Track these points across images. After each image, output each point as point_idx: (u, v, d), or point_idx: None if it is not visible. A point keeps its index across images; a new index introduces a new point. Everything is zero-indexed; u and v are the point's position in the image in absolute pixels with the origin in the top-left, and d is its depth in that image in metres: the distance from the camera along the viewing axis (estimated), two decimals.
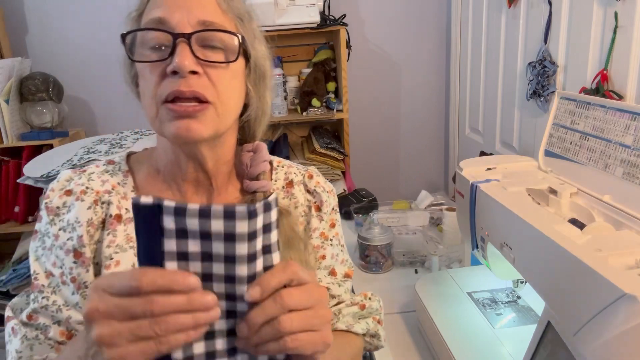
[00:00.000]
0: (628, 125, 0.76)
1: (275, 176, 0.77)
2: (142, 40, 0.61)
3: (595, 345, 0.57)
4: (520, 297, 1.06)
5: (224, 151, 0.68)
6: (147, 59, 0.60)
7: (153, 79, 0.59)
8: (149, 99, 0.60)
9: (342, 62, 1.89)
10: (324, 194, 0.78)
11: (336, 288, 0.78)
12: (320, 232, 0.78)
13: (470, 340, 0.95)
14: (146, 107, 0.62)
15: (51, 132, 1.85)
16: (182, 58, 0.57)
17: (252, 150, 0.72)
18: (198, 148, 0.64)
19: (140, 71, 0.62)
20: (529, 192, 0.89)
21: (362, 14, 2.15)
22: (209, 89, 0.59)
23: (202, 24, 0.60)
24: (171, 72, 0.58)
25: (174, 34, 0.58)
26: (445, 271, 1.22)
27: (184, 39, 0.58)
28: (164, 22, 0.59)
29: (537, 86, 1.34)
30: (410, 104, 2.29)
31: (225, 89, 0.61)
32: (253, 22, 0.68)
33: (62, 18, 2.05)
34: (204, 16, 0.60)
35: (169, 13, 0.59)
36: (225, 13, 0.63)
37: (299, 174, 0.78)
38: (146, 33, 0.60)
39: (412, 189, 2.28)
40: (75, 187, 0.66)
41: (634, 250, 0.63)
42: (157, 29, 0.59)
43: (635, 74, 1.00)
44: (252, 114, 0.70)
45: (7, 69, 1.78)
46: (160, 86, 0.59)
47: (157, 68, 0.59)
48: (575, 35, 1.19)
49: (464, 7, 1.96)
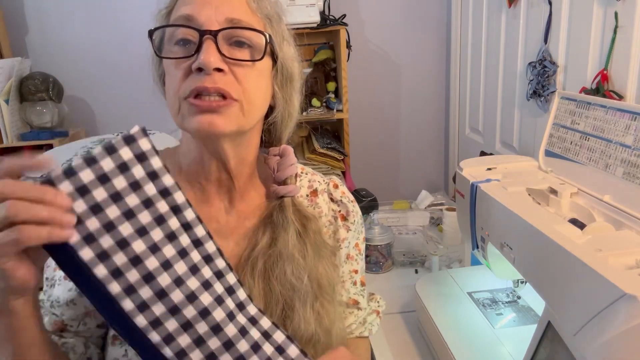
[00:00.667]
0: (628, 125, 0.76)
1: (299, 183, 0.75)
2: (169, 37, 0.61)
3: (595, 345, 0.57)
4: (520, 297, 1.06)
5: (247, 151, 0.67)
6: (174, 56, 0.60)
7: (178, 74, 0.59)
8: (172, 94, 0.60)
9: (342, 62, 1.89)
10: (350, 204, 0.78)
11: (361, 299, 0.80)
12: (355, 243, 0.79)
13: (470, 340, 0.95)
14: (169, 102, 0.62)
15: (51, 132, 1.85)
16: (208, 55, 0.56)
17: (279, 154, 0.71)
18: (221, 144, 0.62)
19: (167, 68, 0.62)
20: (529, 192, 0.89)
21: (362, 14, 2.15)
22: (235, 86, 0.59)
23: (230, 22, 0.59)
24: (196, 69, 0.57)
25: (200, 31, 0.58)
26: (446, 271, 1.22)
27: (210, 36, 0.57)
28: (191, 19, 0.59)
29: (537, 86, 1.34)
30: (411, 104, 2.29)
31: (252, 87, 0.61)
32: (282, 23, 0.68)
33: (62, 18, 2.05)
34: (232, 14, 0.59)
35: (197, 10, 0.59)
36: (254, 12, 0.62)
37: (323, 183, 0.77)
38: (174, 30, 0.60)
39: (412, 189, 2.27)
40: None
41: (634, 250, 0.63)
42: (184, 26, 0.59)
43: (635, 74, 1.00)
44: (278, 116, 0.69)
45: (7, 69, 1.78)
46: (184, 82, 0.58)
47: (183, 64, 0.59)
48: (575, 35, 1.19)
49: (464, 7, 1.96)
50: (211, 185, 0.67)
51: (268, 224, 0.68)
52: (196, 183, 0.67)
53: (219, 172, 0.66)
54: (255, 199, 0.71)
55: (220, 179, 0.67)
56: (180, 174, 0.68)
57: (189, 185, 0.67)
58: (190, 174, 0.67)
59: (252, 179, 0.71)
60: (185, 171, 0.68)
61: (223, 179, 0.67)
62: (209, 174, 0.66)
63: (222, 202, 0.69)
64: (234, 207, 0.69)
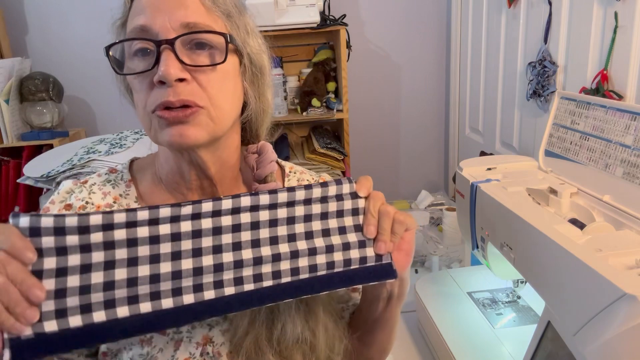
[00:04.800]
0: (628, 125, 0.76)
1: (287, 183, 0.74)
2: (128, 50, 0.59)
3: (595, 345, 0.57)
4: (520, 297, 1.06)
5: (226, 155, 0.65)
6: (134, 70, 0.57)
7: (142, 89, 0.57)
8: (141, 110, 0.59)
9: (342, 62, 1.89)
10: None
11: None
12: None
13: (470, 340, 0.95)
14: (140, 118, 0.60)
15: (51, 132, 1.85)
16: (167, 67, 0.54)
17: (256, 152, 0.69)
18: (197, 153, 0.61)
19: (130, 82, 0.60)
20: (529, 192, 0.89)
21: (362, 14, 2.15)
22: (199, 94, 0.57)
23: (186, 27, 0.56)
24: (158, 82, 0.55)
25: (156, 42, 0.55)
26: (446, 271, 1.22)
27: (167, 46, 0.55)
28: (146, 29, 0.56)
29: (537, 86, 1.34)
30: (411, 104, 2.29)
31: (217, 91, 0.59)
32: (244, 16, 0.64)
33: (62, 18, 2.05)
34: (187, 18, 0.57)
35: (150, 19, 0.56)
36: (210, 11, 0.59)
37: (312, 180, 0.76)
38: (130, 42, 0.58)
39: (412, 189, 2.28)
40: (76, 201, 0.63)
41: (634, 250, 0.63)
42: (139, 39, 0.57)
43: (635, 74, 1.00)
44: (251, 113, 0.67)
45: (7, 69, 1.78)
46: (150, 97, 0.57)
47: (145, 79, 0.57)
48: (575, 35, 1.19)
49: (464, 7, 1.96)
50: (193, 193, 0.66)
51: None
52: (177, 193, 0.66)
53: (200, 180, 0.65)
54: None
55: (202, 186, 0.65)
56: (161, 183, 0.66)
57: (170, 195, 0.66)
58: (170, 184, 0.66)
59: (236, 181, 0.70)
60: (165, 181, 0.66)
61: (205, 186, 0.66)
62: (190, 183, 0.65)
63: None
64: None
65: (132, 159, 0.71)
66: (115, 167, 0.69)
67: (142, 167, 0.70)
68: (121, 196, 0.65)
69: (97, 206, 0.63)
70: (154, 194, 0.67)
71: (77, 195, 0.64)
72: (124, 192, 0.66)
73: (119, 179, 0.67)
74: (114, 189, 0.66)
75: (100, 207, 0.63)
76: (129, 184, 0.67)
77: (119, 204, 0.64)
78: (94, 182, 0.66)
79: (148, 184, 0.67)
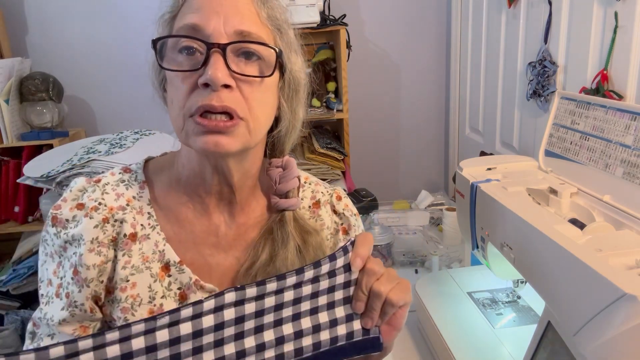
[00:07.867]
0: (628, 125, 0.76)
1: (302, 194, 0.73)
2: (173, 44, 0.58)
3: (595, 345, 0.57)
4: (520, 297, 1.06)
5: (250, 164, 0.65)
6: (179, 67, 0.56)
7: (183, 89, 0.56)
8: (177, 109, 0.57)
9: (342, 62, 1.89)
10: (352, 217, 0.75)
11: None
12: None
13: (470, 340, 0.95)
14: (173, 117, 0.59)
15: (51, 132, 1.85)
16: (216, 71, 0.53)
17: (281, 166, 0.69)
18: (225, 161, 0.61)
19: (170, 79, 0.59)
20: (529, 192, 0.89)
21: (362, 14, 2.15)
22: (241, 105, 0.56)
23: (239, 34, 0.56)
24: (203, 85, 0.54)
25: (208, 44, 0.54)
26: (446, 271, 1.22)
27: (218, 50, 0.54)
28: (198, 29, 0.55)
29: (537, 86, 1.34)
30: (410, 104, 2.29)
31: (258, 104, 0.58)
32: (291, 31, 0.64)
33: (62, 18, 2.05)
34: (242, 25, 0.56)
35: (204, 20, 0.55)
36: (264, 23, 0.59)
37: (326, 194, 0.75)
38: (178, 38, 0.57)
39: (412, 189, 2.28)
40: (88, 201, 0.62)
41: (634, 250, 0.63)
42: (190, 37, 0.56)
43: (635, 74, 1.00)
44: (283, 129, 0.67)
45: (7, 69, 1.78)
46: (190, 98, 0.56)
47: (189, 78, 0.56)
48: (575, 35, 1.19)
49: (464, 7, 1.96)
50: (211, 197, 0.65)
51: (268, 239, 0.66)
52: (195, 195, 0.65)
53: (221, 186, 0.64)
54: (256, 210, 0.70)
55: (221, 192, 0.65)
56: (179, 184, 0.66)
57: (187, 197, 0.66)
58: (190, 186, 0.65)
59: (254, 190, 0.69)
60: (184, 183, 0.66)
61: (224, 192, 0.65)
62: (210, 187, 0.64)
63: (222, 215, 0.67)
64: (234, 221, 0.68)
65: (147, 158, 0.70)
66: (129, 167, 0.68)
67: (159, 168, 0.69)
68: (134, 198, 0.64)
69: (109, 208, 0.62)
70: (169, 196, 0.66)
71: (89, 195, 0.63)
72: (137, 194, 0.65)
73: (133, 179, 0.66)
74: (128, 190, 0.65)
75: (113, 209, 0.62)
76: (142, 186, 0.66)
77: (132, 207, 0.63)
78: (107, 181, 0.65)
79: (163, 185, 0.67)
